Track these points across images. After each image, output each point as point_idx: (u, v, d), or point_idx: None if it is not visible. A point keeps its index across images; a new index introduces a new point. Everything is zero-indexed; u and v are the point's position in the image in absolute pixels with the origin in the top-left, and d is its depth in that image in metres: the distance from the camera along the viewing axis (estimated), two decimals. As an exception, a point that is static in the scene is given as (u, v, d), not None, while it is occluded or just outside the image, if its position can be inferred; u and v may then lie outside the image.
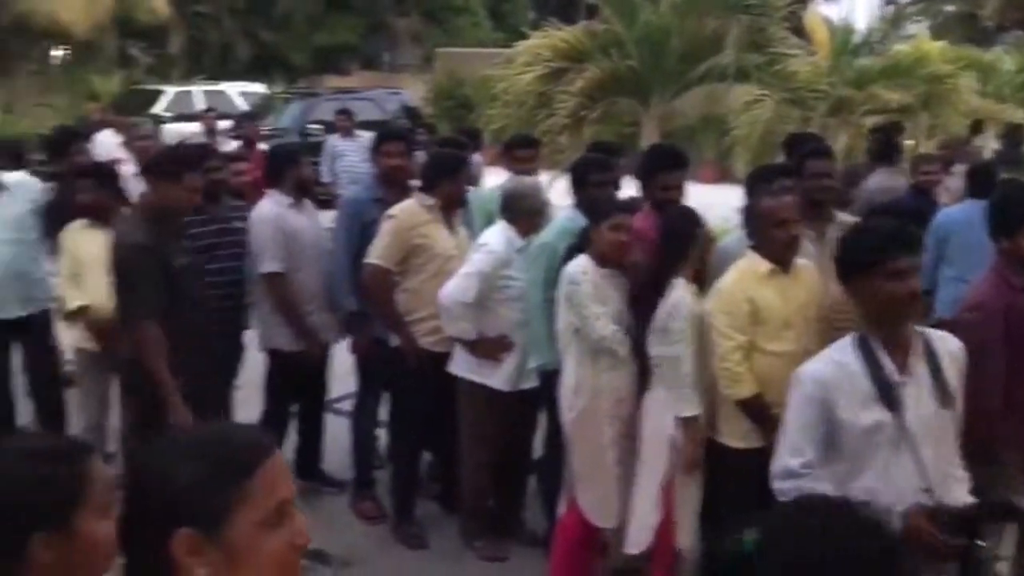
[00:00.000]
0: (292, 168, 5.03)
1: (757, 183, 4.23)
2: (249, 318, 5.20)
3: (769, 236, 3.67)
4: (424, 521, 4.91)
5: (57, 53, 26.81)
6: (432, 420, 4.76)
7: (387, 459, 5.24)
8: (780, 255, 3.68)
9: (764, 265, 3.68)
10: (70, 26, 22.36)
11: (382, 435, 5.34)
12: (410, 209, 4.64)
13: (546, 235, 4.47)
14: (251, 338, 5.23)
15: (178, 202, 4.15)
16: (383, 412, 5.15)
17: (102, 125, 10.11)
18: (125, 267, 4.04)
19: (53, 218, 5.11)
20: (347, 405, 5.47)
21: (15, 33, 23.85)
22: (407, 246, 4.58)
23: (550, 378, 4.25)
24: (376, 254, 4.57)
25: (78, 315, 4.83)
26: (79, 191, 4.85)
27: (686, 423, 3.77)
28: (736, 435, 3.74)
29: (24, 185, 5.23)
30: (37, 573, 1.45)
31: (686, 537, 3.84)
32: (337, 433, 5.35)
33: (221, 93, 18.27)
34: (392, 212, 4.62)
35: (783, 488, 2.67)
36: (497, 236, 4.50)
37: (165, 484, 1.35)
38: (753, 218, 3.80)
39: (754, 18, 9.58)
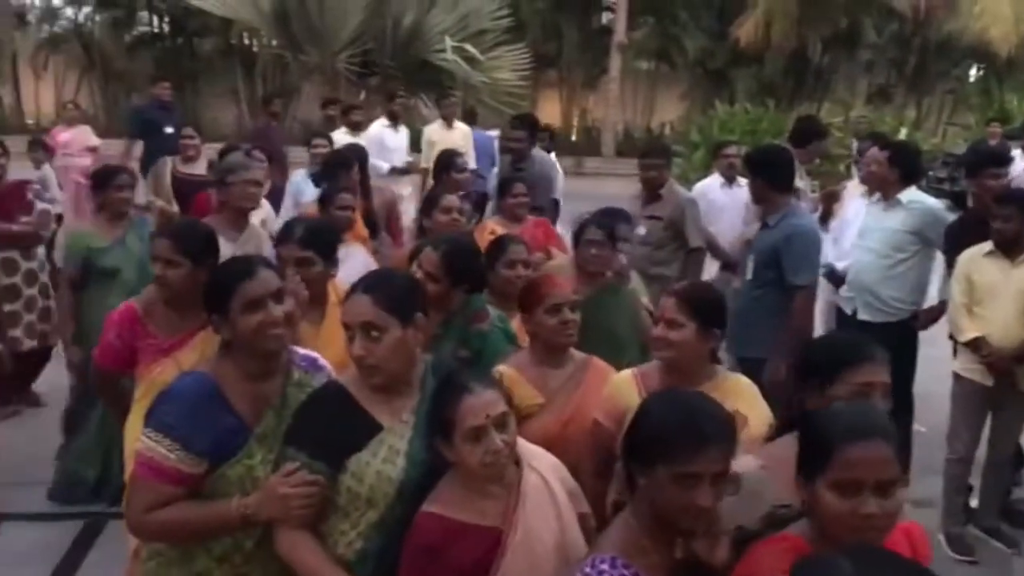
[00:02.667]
0: None
1: None
2: None
3: None
4: None
5: (973, 72, 26.81)
6: None
7: None
8: None
9: None
10: (996, 44, 22.11)
11: None
12: None
13: None
14: None
15: None
16: None
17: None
18: None
19: (954, 239, 5.08)
20: None
21: (937, 54, 24.57)
22: None
23: None
24: None
25: (971, 346, 4.69)
26: (993, 217, 4.69)
27: None
28: None
29: (921, 203, 5.30)
30: None
31: None
32: None
33: None
34: None
35: None
36: None
37: None
38: None
39: None
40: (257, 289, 2.40)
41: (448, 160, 6.34)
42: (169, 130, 9.14)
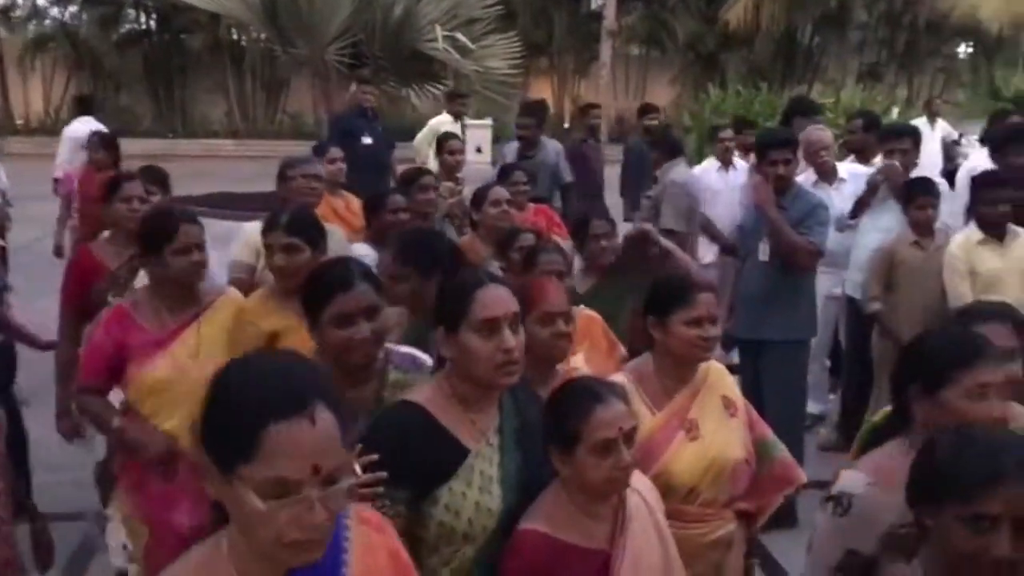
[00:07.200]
0: None
1: None
2: None
3: None
4: None
5: (962, 49, 26.86)
6: None
7: None
8: None
9: None
10: (986, 22, 22.14)
11: None
12: None
13: None
14: None
15: None
16: None
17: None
18: None
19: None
20: None
21: (927, 32, 24.57)
22: None
23: None
24: None
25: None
26: (985, 200, 4.70)
27: None
28: None
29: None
30: None
31: None
32: None
33: None
34: None
35: None
36: None
37: None
38: None
39: None
40: (350, 304, 2.31)
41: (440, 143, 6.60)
42: (368, 140, 8.25)
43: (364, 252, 4.23)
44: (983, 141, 5.80)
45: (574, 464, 2.08)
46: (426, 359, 2.55)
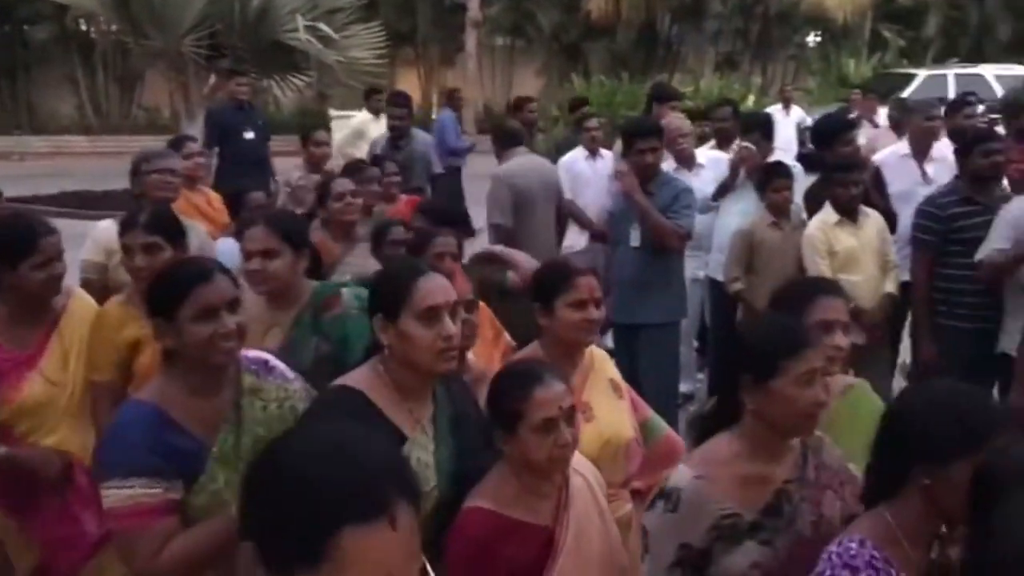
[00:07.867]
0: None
1: None
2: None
3: None
4: None
5: (810, 39, 28.09)
6: None
7: None
8: None
9: None
10: (832, 12, 23.23)
11: None
12: None
13: None
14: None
15: None
16: None
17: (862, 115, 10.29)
18: None
19: (809, 207, 5.33)
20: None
21: (779, 22, 25.57)
22: None
23: None
24: None
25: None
26: (838, 183, 4.90)
27: None
28: None
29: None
30: None
31: None
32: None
33: (977, 76, 17.24)
34: None
35: None
36: None
37: None
38: None
39: None
40: (212, 296, 2.17)
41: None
42: (249, 135, 8.00)
43: (229, 248, 4.10)
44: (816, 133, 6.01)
45: (517, 443, 2.16)
46: (279, 364, 2.44)
